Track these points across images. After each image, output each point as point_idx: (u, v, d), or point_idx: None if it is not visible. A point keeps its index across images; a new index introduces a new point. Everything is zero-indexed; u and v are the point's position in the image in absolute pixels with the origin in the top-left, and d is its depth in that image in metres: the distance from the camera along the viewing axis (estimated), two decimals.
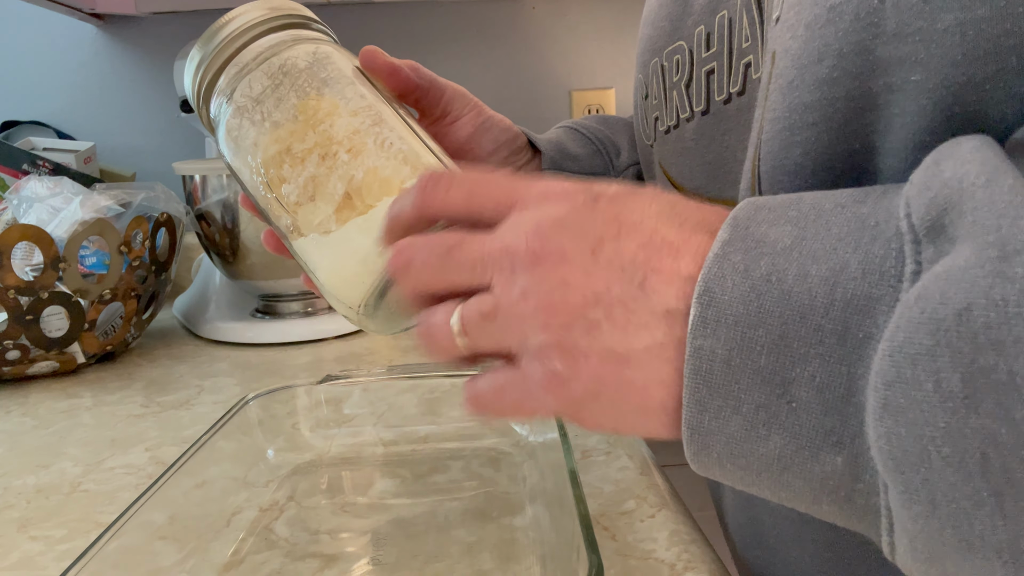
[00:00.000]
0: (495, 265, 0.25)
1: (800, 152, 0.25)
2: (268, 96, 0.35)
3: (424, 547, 0.38)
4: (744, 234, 0.21)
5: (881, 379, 0.18)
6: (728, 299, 0.21)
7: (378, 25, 1.13)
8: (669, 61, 0.38)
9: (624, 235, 0.24)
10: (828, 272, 0.20)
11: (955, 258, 0.17)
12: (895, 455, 0.18)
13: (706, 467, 0.23)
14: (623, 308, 0.23)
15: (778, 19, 0.27)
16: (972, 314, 0.16)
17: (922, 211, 0.19)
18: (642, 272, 0.23)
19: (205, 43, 0.37)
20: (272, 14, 0.38)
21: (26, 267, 0.67)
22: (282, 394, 0.49)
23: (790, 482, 0.21)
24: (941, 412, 0.17)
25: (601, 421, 0.25)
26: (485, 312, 0.25)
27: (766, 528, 0.36)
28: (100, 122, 1.14)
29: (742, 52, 0.32)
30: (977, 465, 0.17)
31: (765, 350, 0.20)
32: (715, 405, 0.21)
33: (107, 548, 0.31)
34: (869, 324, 0.19)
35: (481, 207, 0.27)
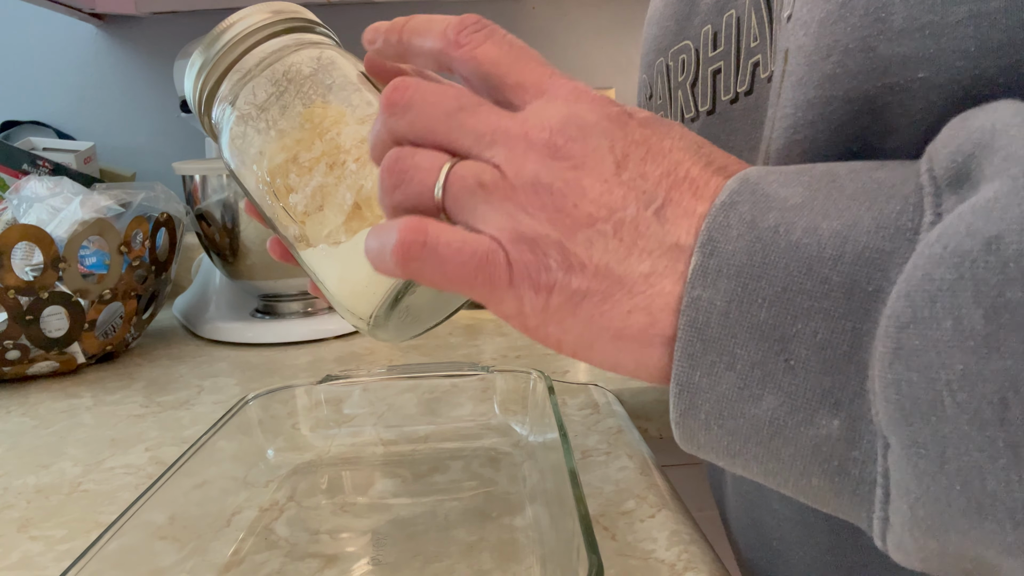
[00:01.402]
0: (508, 144, 0.23)
1: (800, 151, 0.25)
2: (273, 104, 0.35)
3: (424, 547, 0.38)
4: (753, 188, 0.21)
5: (894, 322, 0.17)
6: (732, 249, 0.20)
7: None
8: (675, 61, 0.38)
9: (650, 159, 0.23)
10: (839, 227, 0.19)
11: (983, 192, 0.16)
12: (903, 405, 0.17)
13: (691, 432, 0.22)
14: (633, 229, 0.22)
15: (790, 17, 0.26)
16: (1003, 242, 0.15)
17: (946, 161, 0.18)
18: (661, 199, 0.22)
19: (206, 48, 0.37)
20: (274, 18, 0.37)
21: (26, 267, 0.67)
22: (282, 394, 0.49)
23: (779, 449, 0.20)
24: (959, 353, 0.16)
25: (565, 338, 0.23)
26: (484, 182, 0.23)
27: (769, 530, 0.36)
28: (100, 122, 1.14)
29: (750, 51, 0.31)
30: (995, 412, 0.16)
31: (766, 303, 0.19)
32: (708, 360, 0.20)
33: (107, 548, 0.31)
34: (879, 278, 0.18)
35: (508, 73, 0.25)
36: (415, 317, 0.37)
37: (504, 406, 0.51)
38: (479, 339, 0.76)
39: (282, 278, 0.79)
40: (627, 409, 0.58)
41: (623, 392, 0.60)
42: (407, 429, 0.51)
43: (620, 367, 0.23)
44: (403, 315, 0.35)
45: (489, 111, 0.24)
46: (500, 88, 0.25)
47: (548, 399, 0.44)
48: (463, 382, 0.53)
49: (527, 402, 0.50)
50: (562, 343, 0.24)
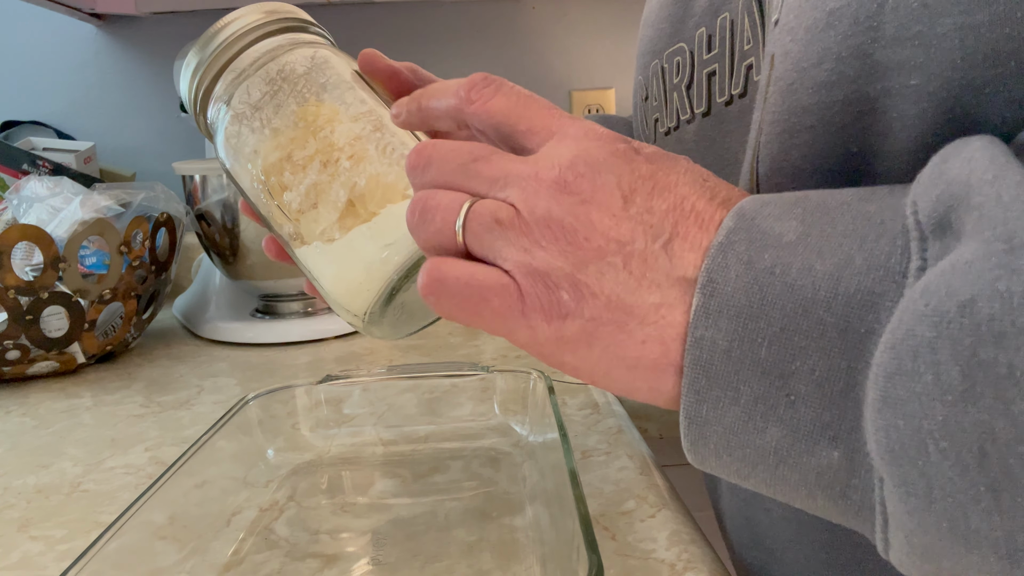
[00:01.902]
0: (521, 184, 0.24)
1: (799, 155, 0.25)
2: (267, 103, 0.35)
3: (424, 547, 0.38)
4: (749, 225, 0.21)
5: (882, 371, 0.18)
6: (731, 290, 0.21)
7: (378, 25, 1.13)
8: (669, 63, 0.38)
9: (657, 193, 0.24)
10: (832, 267, 0.20)
11: (961, 252, 0.17)
12: (892, 448, 0.18)
13: (702, 458, 0.23)
14: (642, 262, 0.23)
15: (777, 22, 0.27)
16: (976, 306, 0.16)
17: (928, 208, 0.19)
18: (668, 233, 0.23)
19: (201, 48, 0.37)
20: (269, 18, 0.37)
21: (26, 267, 0.67)
22: (282, 394, 0.49)
23: (786, 475, 0.21)
24: (940, 405, 0.17)
25: (582, 367, 0.24)
26: (500, 218, 0.24)
27: (763, 529, 0.36)
28: (100, 122, 1.14)
29: (744, 54, 0.32)
30: (974, 459, 0.17)
31: (766, 342, 0.20)
32: (713, 395, 0.21)
33: (107, 548, 0.31)
34: (871, 319, 0.19)
35: (518, 121, 0.26)
36: (410, 314, 0.37)
37: (504, 406, 0.51)
38: (479, 339, 0.76)
39: (282, 278, 0.79)
40: (627, 409, 0.58)
41: None
42: (407, 429, 0.51)
43: (635, 393, 0.24)
44: (398, 312, 0.35)
45: (501, 157, 0.26)
46: (512, 135, 0.27)
47: (548, 399, 0.44)
48: (463, 382, 0.53)
49: (527, 402, 0.50)
50: (579, 371, 0.24)
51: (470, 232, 0.25)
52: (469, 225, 0.25)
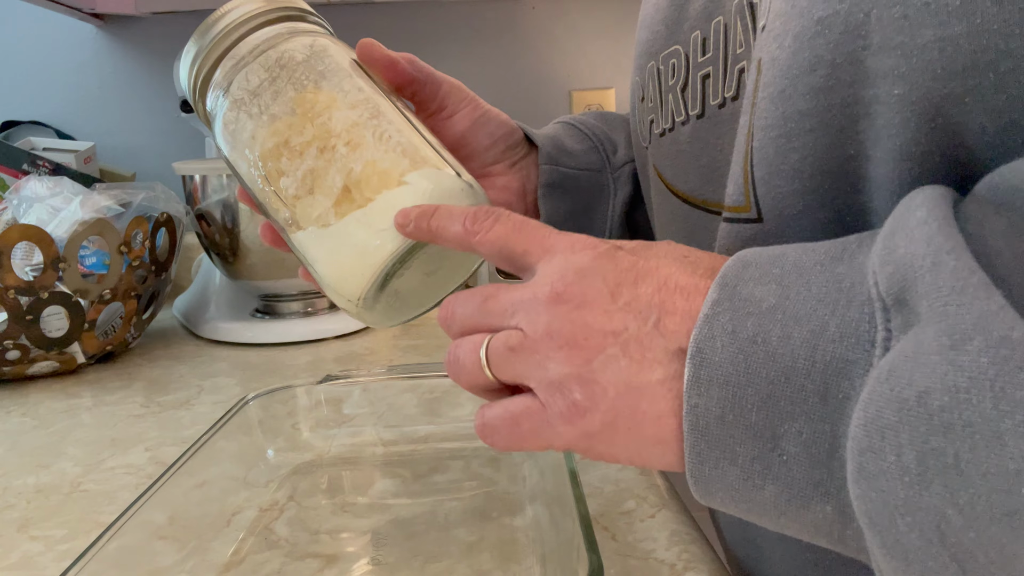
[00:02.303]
0: (524, 308, 0.27)
1: (798, 157, 0.26)
2: (265, 89, 0.35)
3: (424, 547, 0.38)
4: (732, 293, 0.23)
5: (855, 445, 0.19)
6: (718, 360, 0.22)
7: (378, 25, 1.13)
8: (665, 65, 0.38)
9: (641, 281, 0.25)
10: (809, 334, 0.21)
11: (919, 339, 0.18)
12: (870, 515, 0.19)
13: (715, 505, 0.25)
14: (638, 345, 0.24)
15: (763, 27, 0.27)
16: (929, 397, 0.18)
17: (885, 284, 0.20)
18: (656, 314, 0.25)
19: (201, 36, 0.37)
20: (268, 7, 0.37)
21: (26, 267, 0.67)
22: (282, 394, 0.49)
23: (788, 524, 0.23)
24: (900, 485, 0.18)
25: (616, 452, 0.26)
26: (512, 345, 0.27)
27: (753, 528, 0.37)
28: (100, 122, 1.14)
29: (736, 57, 0.32)
30: (935, 535, 0.18)
31: (755, 407, 0.21)
32: (713, 457, 0.23)
33: (107, 548, 0.31)
34: (847, 386, 0.20)
35: (516, 245, 0.29)
36: (404, 301, 0.37)
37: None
38: None
39: (282, 278, 0.79)
40: None
41: None
42: (407, 429, 0.51)
43: (670, 466, 0.25)
44: (392, 298, 0.35)
45: (507, 290, 0.29)
46: (513, 258, 0.30)
47: None
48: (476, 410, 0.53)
49: None
50: (617, 457, 0.26)
51: (494, 366, 0.28)
52: (491, 360, 0.28)
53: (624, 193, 0.51)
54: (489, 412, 0.29)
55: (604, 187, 0.51)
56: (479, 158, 0.46)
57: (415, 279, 0.36)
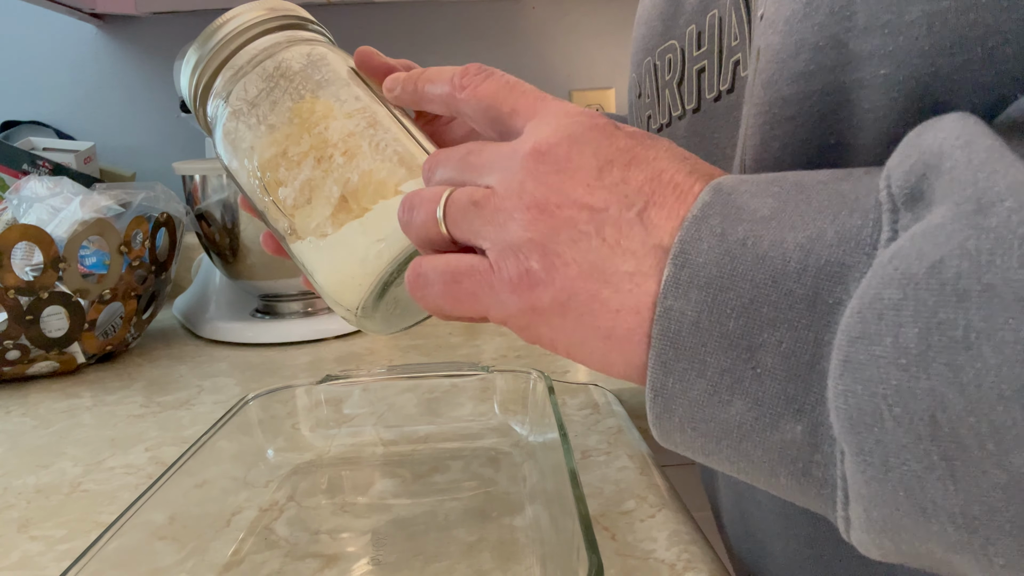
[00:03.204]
0: (502, 164, 0.25)
1: (779, 146, 0.25)
2: (263, 99, 0.35)
3: (424, 547, 0.38)
4: (725, 200, 0.21)
5: (846, 335, 0.18)
6: (702, 261, 0.21)
7: (378, 25, 1.13)
8: (662, 60, 0.38)
9: (635, 165, 0.24)
10: (804, 239, 0.20)
11: (932, 217, 0.17)
12: (851, 414, 0.18)
13: (667, 432, 0.23)
14: (615, 229, 0.23)
15: (762, 16, 0.27)
16: (944, 265, 0.16)
17: (901, 179, 0.19)
18: (643, 202, 0.23)
19: (201, 45, 0.37)
20: (268, 15, 0.38)
21: (26, 267, 0.67)
22: (282, 394, 0.49)
23: (749, 451, 0.21)
24: (894, 370, 0.17)
25: (557, 337, 0.24)
26: (476, 199, 0.25)
27: (755, 522, 0.37)
28: (100, 122, 1.14)
29: (731, 50, 0.32)
30: (927, 428, 0.16)
31: (734, 314, 0.20)
32: (680, 368, 0.21)
33: (107, 548, 0.31)
34: (840, 291, 0.19)
35: (503, 103, 0.27)
36: (404, 309, 0.37)
37: (504, 406, 0.51)
38: (479, 339, 0.76)
39: (282, 278, 0.79)
40: (627, 409, 0.58)
41: (623, 392, 0.60)
42: (407, 429, 0.51)
43: (611, 368, 0.23)
44: (391, 306, 0.35)
45: (491, 146, 0.26)
46: (499, 118, 0.27)
47: (548, 399, 0.44)
48: (463, 382, 0.53)
49: (527, 402, 0.50)
50: (555, 343, 0.24)
51: (450, 219, 0.26)
52: (448, 211, 0.26)
53: None
54: (428, 262, 0.26)
55: None
56: None
57: None
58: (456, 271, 0.25)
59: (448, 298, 0.26)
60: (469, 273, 0.25)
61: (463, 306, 0.25)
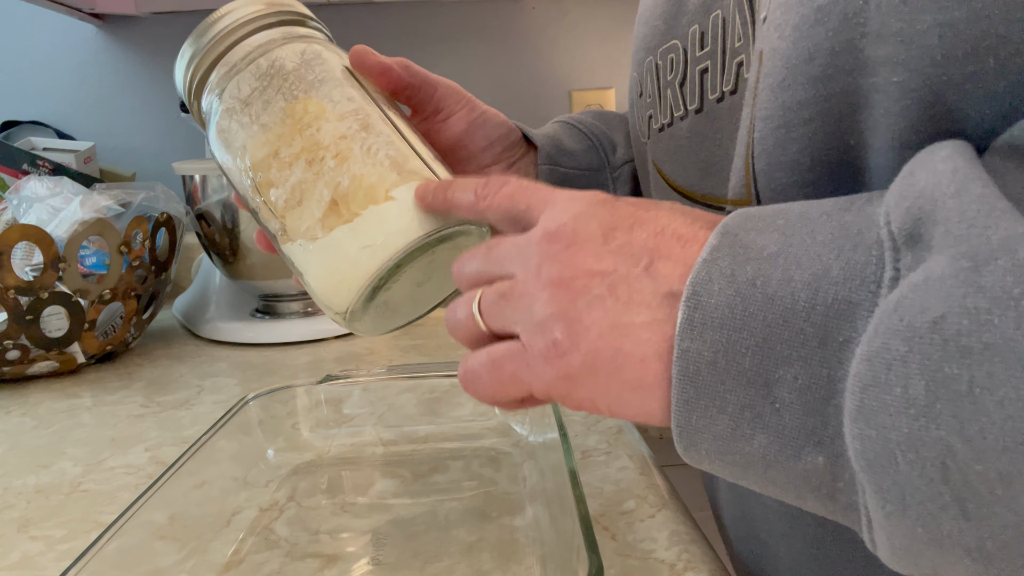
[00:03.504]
0: (519, 253, 0.27)
1: (797, 148, 0.26)
2: (256, 98, 0.35)
3: (424, 547, 0.38)
4: (733, 240, 0.22)
5: (858, 382, 0.19)
6: (714, 303, 0.21)
7: (378, 25, 1.13)
8: (663, 60, 0.38)
9: (637, 226, 0.25)
10: (811, 277, 0.20)
11: (931, 268, 0.18)
12: (867, 456, 0.19)
13: (696, 461, 0.24)
14: (626, 286, 0.24)
15: (765, 19, 0.27)
16: (946, 322, 0.17)
17: (899, 220, 0.19)
18: (649, 257, 0.24)
19: (196, 39, 0.37)
20: (265, 11, 0.37)
21: (26, 267, 0.67)
22: (282, 394, 0.49)
23: (775, 478, 0.22)
24: (905, 418, 0.18)
25: (595, 398, 0.25)
26: (502, 291, 0.27)
27: (758, 523, 0.37)
28: (100, 122, 1.14)
29: (735, 51, 0.32)
30: (938, 472, 0.17)
31: (749, 352, 0.21)
32: (701, 405, 0.22)
33: (107, 548, 0.31)
34: (849, 328, 0.19)
35: (519, 203, 0.29)
36: (394, 311, 0.37)
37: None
38: None
39: (282, 278, 0.79)
40: None
41: None
42: (407, 429, 0.51)
43: (651, 416, 0.24)
44: (380, 309, 0.35)
45: (509, 239, 0.28)
46: (518, 217, 0.29)
47: None
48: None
49: None
50: (597, 404, 0.25)
51: (486, 315, 0.28)
52: (482, 308, 0.28)
53: (624, 192, 0.51)
54: (472, 359, 0.28)
55: (604, 187, 0.51)
56: (476, 159, 0.46)
57: (405, 289, 0.36)
58: (495, 358, 0.27)
59: (494, 384, 0.27)
60: (507, 357, 0.27)
61: (508, 388, 0.27)
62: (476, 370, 0.28)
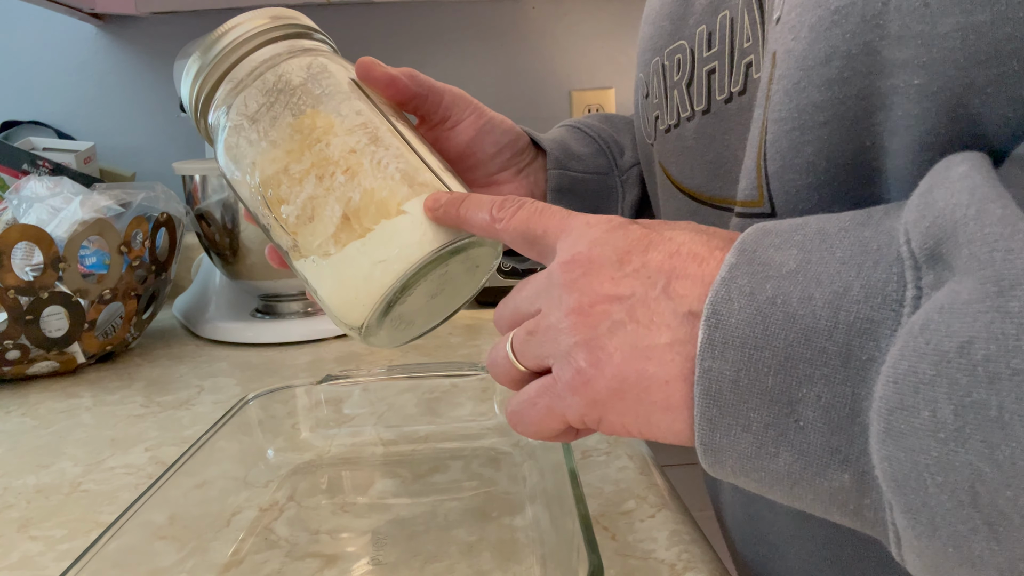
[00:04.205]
0: (541, 291, 0.28)
1: (812, 151, 0.26)
2: (264, 114, 0.35)
3: (424, 547, 0.38)
4: (751, 258, 0.22)
5: (884, 404, 0.18)
6: (735, 322, 0.21)
7: (378, 25, 1.13)
8: (670, 60, 0.38)
9: (652, 248, 0.25)
10: (831, 295, 0.20)
11: (957, 291, 0.18)
12: (896, 477, 0.19)
13: (723, 477, 0.24)
14: (646, 308, 0.24)
15: (778, 19, 0.27)
16: (973, 347, 0.17)
17: (920, 239, 0.19)
18: (666, 278, 0.24)
19: (201, 55, 0.37)
20: (269, 24, 0.37)
21: (26, 267, 0.67)
22: (282, 394, 0.49)
23: (800, 495, 0.22)
24: (934, 442, 0.17)
25: (626, 421, 0.25)
26: (530, 328, 0.27)
27: (766, 525, 0.36)
28: (100, 122, 1.14)
29: (743, 52, 0.32)
30: (967, 495, 0.17)
31: (771, 371, 0.21)
32: (725, 423, 0.22)
33: (107, 548, 0.31)
34: (872, 347, 0.19)
35: (536, 227, 0.30)
36: (408, 323, 0.36)
37: (504, 406, 0.51)
38: (479, 339, 0.76)
39: (282, 278, 0.79)
40: None
41: None
42: (407, 429, 0.51)
43: (680, 436, 0.24)
44: (395, 322, 0.35)
45: (531, 280, 0.29)
46: (534, 241, 0.30)
47: None
48: (463, 382, 0.53)
49: None
50: (628, 427, 0.25)
51: (520, 355, 0.28)
52: (516, 349, 0.28)
53: (632, 195, 0.51)
54: (513, 400, 0.29)
55: (612, 190, 0.51)
56: (485, 166, 0.46)
57: (419, 302, 0.36)
58: (531, 396, 0.28)
59: (535, 421, 0.28)
60: (540, 392, 0.27)
61: (547, 422, 0.27)
62: (517, 410, 0.28)
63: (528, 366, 0.28)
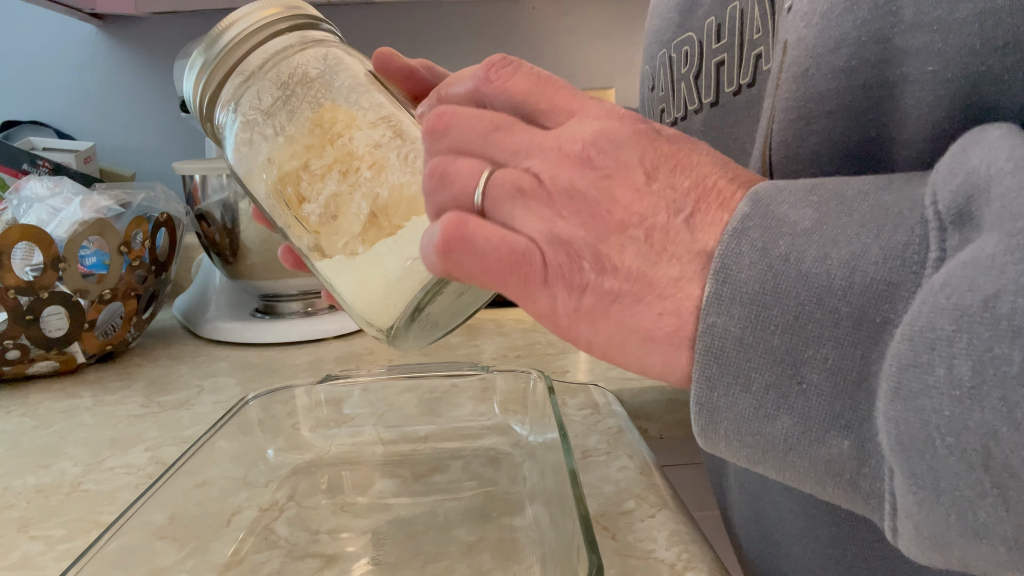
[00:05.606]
0: (543, 155, 0.24)
1: (816, 141, 0.25)
2: (280, 108, 0.33)
3: (424, 547, 0.38)
4: (764, 211, 0.21)
5: (896, 362, 0.18)
6: (744, 277, 0.21)
7: (378, 25, 1.13)
8: (677, 52, 0.38)
9: (679, 171, 0.24)
10: (848, 256, 0.19)
11: (982, 245, 0.17)
12: (902, 440, 0.18)
13: (712, 443, 0.23)
14: (664, 235, 0.23)
15: (790, 8, 0.27)
16: (999, 301, 0.16)
17: (948, 198, 0.19)
18: (690, 208, 0.23)
19: (206, 50, 0.35)
20: (277, 15, 0.35)
21: (26, 267, 0.67)
22: (282, 394, 0.49)
23: (795, 463, 0.21)
24: (948, 400, 0.17)
25: (596, 340, 0.24)
26: (522, 187, 0.24)
27: (771, 523, 0.36)
28: (100, 122, 1.14)
29: (753, 43, 0.31)
30: (979, 457, 0.17)
31: (779, 330, 0.20)
32: (724, 383, 0.21)
33: (107, 548, 0.31)
34: (887, 309, 0.19)
35: (539, 101, 0.26)
36: (433, 323, 0.35)
37: (504, 406, 0.51)
38: (479, 339, 0.76)
39: (282, 278, 0.79)
40: (627, 409, 0.58)
41: (623, 392, 0.60)
42: (407, 429, 0.51)
43: (648, 369, 0.24)
44: (423, 323, 0.34)
45: (523, 128, 0.26)
46: (532, 114, 0.26)
47: (548, 399, 0.44)
48: (463, 382, 0.53)
49: (527, 402, 0.50)
50: (592, 344, 0.24)
51: (490, 199, 0.25)
52: (489, 192, 0.25)
53: None
54: (479, 229, 0.24)
55: None
56: None
57: (447, 301, 0.34)
58: (513, 250, 0.24)
59: (493, 275, 0.24)
60: (527, 259, 0.24)
61: (507, 288, 0.24)
62: (480, 246, 0.24)
63: (492, 217, 0.25)
